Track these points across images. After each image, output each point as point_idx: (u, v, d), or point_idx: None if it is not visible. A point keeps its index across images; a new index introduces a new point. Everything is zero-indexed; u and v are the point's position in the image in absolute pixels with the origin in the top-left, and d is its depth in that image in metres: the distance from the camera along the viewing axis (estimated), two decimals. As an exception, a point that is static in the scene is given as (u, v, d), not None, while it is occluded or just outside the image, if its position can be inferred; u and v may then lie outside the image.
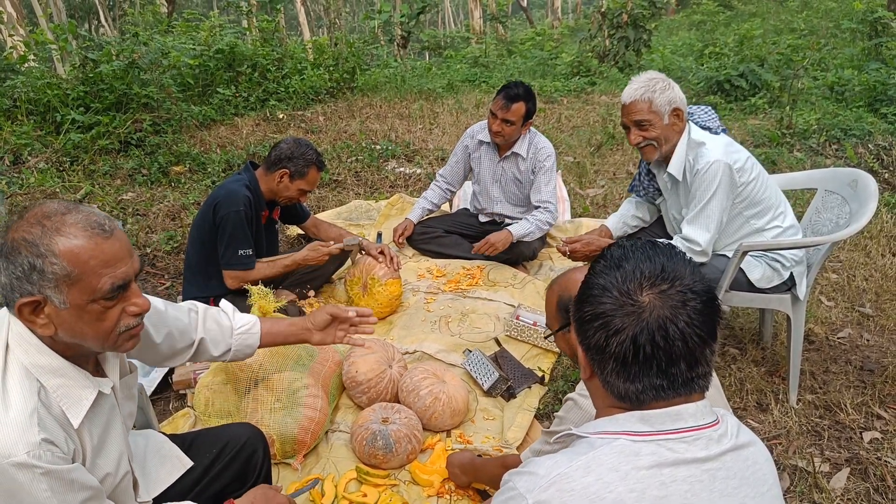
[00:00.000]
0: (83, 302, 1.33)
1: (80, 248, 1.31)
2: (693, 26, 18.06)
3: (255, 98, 8.64)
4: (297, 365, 2.83)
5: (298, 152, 3.40)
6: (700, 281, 1.13)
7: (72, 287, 1.31)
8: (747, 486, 1.12)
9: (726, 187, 2.84)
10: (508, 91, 3.96)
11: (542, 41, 16.61)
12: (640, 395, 1.12)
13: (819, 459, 2.64)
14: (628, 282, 1.12)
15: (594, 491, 1.04)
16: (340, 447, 2.71)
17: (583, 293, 1.19)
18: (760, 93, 8.41)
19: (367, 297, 3.67)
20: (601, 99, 9.43)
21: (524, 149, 4.17)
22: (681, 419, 1.11)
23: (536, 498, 1.06)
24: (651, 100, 2.91)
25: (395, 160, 6.85)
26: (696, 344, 1.10)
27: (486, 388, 3.01)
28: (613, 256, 1.18)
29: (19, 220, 1.33)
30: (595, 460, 1.07)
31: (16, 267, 1.29)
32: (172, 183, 6.07)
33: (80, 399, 1.40)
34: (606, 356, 1.13)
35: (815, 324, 3.62)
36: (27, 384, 1.33)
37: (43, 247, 1.29)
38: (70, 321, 1.34)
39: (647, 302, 1.10)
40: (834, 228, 2.99)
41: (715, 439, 1.12)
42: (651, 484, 1.05)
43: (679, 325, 1.08)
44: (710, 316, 1.12)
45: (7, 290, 1.32)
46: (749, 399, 3.03)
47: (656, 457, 1.07)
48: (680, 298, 1.10)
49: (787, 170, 5.82)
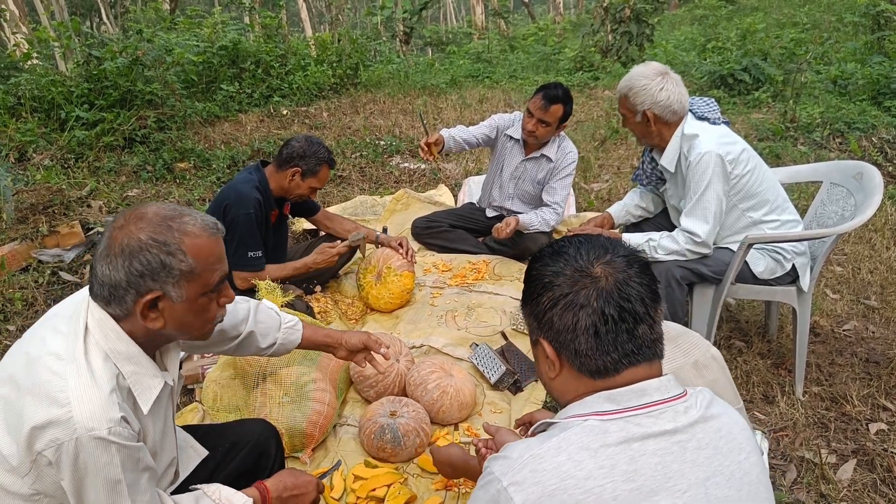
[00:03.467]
0: (196, 295, 1.47)
1: (203, 247, 1.46)
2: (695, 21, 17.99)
3: (258, 94, 8.64)
4: (305, 359, 2.84)
5: (311, 151, 3.40)
6: (630, 251, 1.25)
7: (191, 282, 1.45)
8: (720, 456, 1.14)
9: (720, 177, 2.84)
10: (548, 92, 3.90)
11: (544, 36, 16.56)
12: (616, 364, 1.19)
13: (826, 451, 2.65)
14: (576, 260, 1.22)
15: (565, 469, 1.07)
16: (349, 441, 2.72)
17: (533, 286, 1.27)
18: (764, 87, 8.38)
19: (379, 286, 3.67)
20: (605, 94, 9.42)
21: (553, 151, 4.14)
22: (646, 394, 1.16)
23: (511, 479, 1.10)
24: (626, 96, 2.98)
25: (399, 156, 6.85)
26: (650, 303, 1.20)
27: (493, 382, 3.02)
28: (551, 249, 1.28)
29: (128, 222, 1.43)
30: (565, 440, 1.11)
31: (140, 265, 1.40)
32: (177, 179, 6.09)
33: (149, 387, 1.50)
34: (578, 333, 1.19)
35: (821, 316, 3.62)
36: (107, 366, 1.42)
37: (173, 245, 1.42)
38: (180, 314, 1.47)
39: (600, 272, 1.20)
40: (839, 221, 3.00)
41: (682, 411, 1.16)
42: (621, 459, 1.08)
43: (633, 286, 1.19)
44: (651, 276, 1.23)
45: (120, 286, 1.41)
46: (755, 391, 3.04)
47: (624, 433, 1.11)
48: (624, 263, 1.21)
49: (791, 163, 5.82)
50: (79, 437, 1.31)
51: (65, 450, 1.32)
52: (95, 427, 1.32)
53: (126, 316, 1.45)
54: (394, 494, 2.38)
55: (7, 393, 1.40)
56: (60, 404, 1.32)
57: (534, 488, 1.07)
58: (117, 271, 1.40)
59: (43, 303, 4.00)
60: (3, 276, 4.17)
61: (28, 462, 1.35)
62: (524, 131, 4.07)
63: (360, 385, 2.93)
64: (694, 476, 1.10)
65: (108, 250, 1.41)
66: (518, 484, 1.09)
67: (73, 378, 1.36)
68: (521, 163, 4.23)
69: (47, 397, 1.34)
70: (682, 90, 2.96)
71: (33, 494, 1.40)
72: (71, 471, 1.33)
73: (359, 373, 2.90)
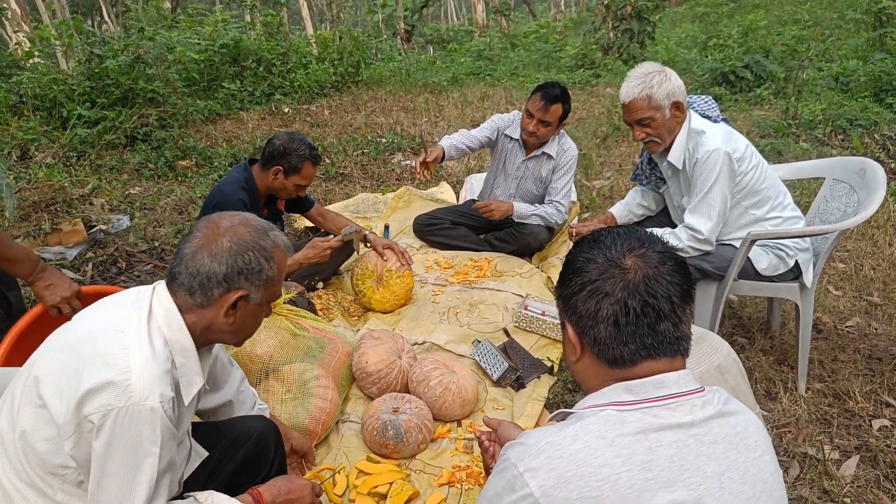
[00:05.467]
0: (264, 301, 1.64)
1: (283, 261, 1.66)
2: (696, 18, 17.98)
3: (260, 92, 8.65)
4: (308, 356, 2.84)
5: (291, 148, 3.31)
6: (669, 248, 1.25)
7: (268, 289, 1.62)
8: (735, 452, 1.15)
9: (727, 175, 2.83)
10: (547, 92, 3.89)
11: (545, 34, 16.57)
12: (633, 355, 1.19)
13: (829, 447, 2.65)
14: (610, 250, 1.23)
15: (582, 457, 1.09)
16: (351, 437, 2.72)
17: (567, 270, 1.28)
18: (765, 84, 8.38)
19: (383, 290, 3.66)
20: (606, 91, 9.42)
21: (554, 149, 4.15)
22: (664, 387, 1.17)
23: (527, 465, 1.11)
24: (650, 96, 2.86)
25: (400, 153, 6.86)
26: (678, 302, 1.19)
27: (496, 379, 3.02)
28: (591, 237, 1.29)
29: (235, 224, 1.59)
30: (583, 429, 1.12)
31: (244, 262, 1.56)
32: (179, 177, 6.09)
33: (192, 382, 1.59)
34: (599, 320, 1.20)
35: (823, 313, 3.62)
36: (165, 351, 1.51)
37: (269, 253, 1.60)
38: (248, 316, 1.64)
39: (630, 264, 1.20)
40: (842, 217, 2.99)
41: (699, 406, 1.16)
42: (637, 449, 1.09)
43: (661, 283, 1.18)
44: (686, 276, 1.22)
45: (215, 278, 1.54)
46: (758, 388, 3.03)
47: (641, 423, 1.12)
48: (658, 258, 1.21)
49: (794, 160, 5.81)
50: (132, 405, 1.38)
51: (113, 416, 1.37)
52: (150, 397, 1.40)
53: (198, 307, 1.56)
54: (396, 491, 2.38)
55: (66, 359, 1.45)
56: (121, 370, 1.40)
57: (549, 474, 1.09)
58: (220, 264, 1.53)
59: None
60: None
61: (73, 425, 1.39)
62: (525, 132, 4.07)
63: (362, 382, 2.93)
64: (710, 469, 1.11)
65: (213, 246, 1.54)
66: (534, 470, 1.10)
67: (136, 351, 1.44)
68: (522, 162, 4.23)
69: (108, 364, 1.40)
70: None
71: (63, 466, 1.44)
72: (109, 434, 1.38)
73: (361, 369, 2.90)
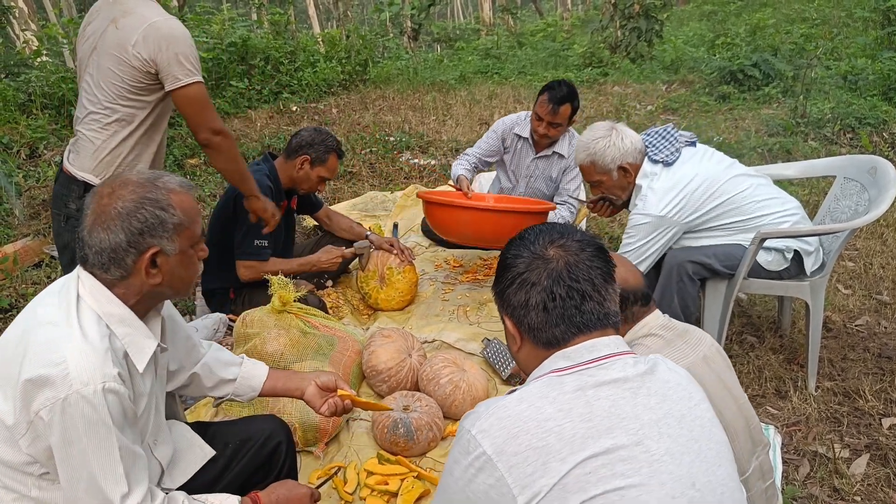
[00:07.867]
0: (186, 247, 1.57)
1: (186, 201, 1.57)
2: (704, 16, 17.91)
3: (268, 91, 8.66)
4: (318, 354, 2.85)
5: (319, 139, 3.43)
6: (588, 236, 1.39)
7: (181, 235, 1.55)
8: (670, 402, 1.25)
9: (655, 236, 2.90)
10: (553, 93, 3.81)
11: (553, 32, 16.56)
12: (565, 334, 1.31)
13: (839, 446, 2.65)
14: (534, 244, 1.36)
15: (527, 415, 1.20)
16: (362, 435, 2.73)
17: (499, 268, 1.42)
18: (774, 82, 8.36)
19: (387, 289, 3.67)
20: (614, 90, 9.41)
21: (565, 148, 4.10)
22: (596, 350, 1.29)
23: (479, 428, 1.22)
24: (594, 163, 2.96)
25: (409, 151, 6.87)
26: (600, 283, 1.32)
27: (505, 377, 3.03)
28: (517, 236, 1.42)
29: (115, 189, 1.51)
30: (527, 392, 1.25)
31: (139, 222, 1.48)
32: (187, 175, 6.11)
33: (143, 347, 1.56)
34: (530, 308, 1.32)
35: (833, 311, 3.61)
36: (100, 327, 1.48)
37: (163, 202, 1.52)
38: (175, 268, 1.57)
39: (552, 254, 1.33)
40: (853, 215, 2.99)
41: (631, 364, 1.28)
42: (577, 404, 1.20)
43: (582, 268, 1.31)
44: (605, 260, 1.35)
45: (120, 248, 1.48)
46: (768, 386, 3.04)
47: (579, 382, 1.23)
48: (577, 246, 1.34)
49: (802, 158, 5.80)
50: (74, 393, 1.36)
51: (59, 409, 1.36)
52: (91, 382, 1.38)
53: (122, 279, 1.52)
54: (407, 488, 2.39)
55: (3, 360, 1.46)
56: (56, 364, 1.37)
57: (499, 433, 1.19)
58: (116, 234, 1.48)
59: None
60: (16, 271, 4.19)
61: (25, 422, 1.40)
62: (536, 134, 4.02)
63: (373, 380, 2.94)
64: (647, 417, 1.21)
65: (102, 218, 1.48)
66: (485, 431, 1.21)
67: (67, 341, 1.42)
68: (532, 161, 4.18)
69: (43, 359, 1.39)
70: (631, 131, 3.00)
71: (28, 463, 1.45)
72: (61, 427, 1.37)
73: (372, 367, 2.91)
